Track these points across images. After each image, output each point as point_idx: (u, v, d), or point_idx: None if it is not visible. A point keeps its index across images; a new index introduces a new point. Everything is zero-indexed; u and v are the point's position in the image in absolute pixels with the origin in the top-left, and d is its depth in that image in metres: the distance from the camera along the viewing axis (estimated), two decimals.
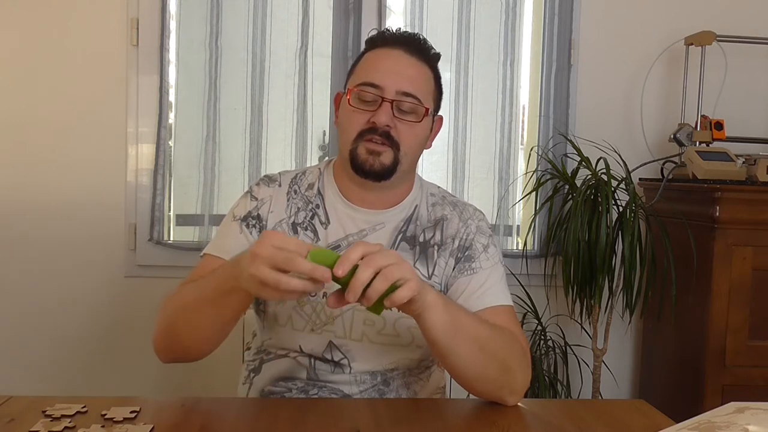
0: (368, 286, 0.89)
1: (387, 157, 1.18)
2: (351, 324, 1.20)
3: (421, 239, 1.26)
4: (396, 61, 1.20)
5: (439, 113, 1.29)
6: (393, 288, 0.91)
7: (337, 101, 1.29)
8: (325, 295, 1.16)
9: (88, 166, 2.33)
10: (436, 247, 1.25)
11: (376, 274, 0.89)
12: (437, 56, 1.26)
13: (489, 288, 1.21)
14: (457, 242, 1.26)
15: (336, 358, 1.21)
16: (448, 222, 1.28)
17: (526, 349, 1.18)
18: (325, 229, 1.24)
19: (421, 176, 1.35)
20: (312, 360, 1.22)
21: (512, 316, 1.22)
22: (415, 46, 1.22)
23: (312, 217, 1.25)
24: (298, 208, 1.26)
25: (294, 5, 2.37)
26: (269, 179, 1.30)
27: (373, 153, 1.17)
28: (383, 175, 1.19)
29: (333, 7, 2.38)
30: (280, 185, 1.28)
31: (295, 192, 1.27)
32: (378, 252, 0.92)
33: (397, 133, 1.18)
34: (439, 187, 1.36)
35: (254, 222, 1.25)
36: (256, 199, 1.27)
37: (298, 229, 1.24)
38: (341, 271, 0.89)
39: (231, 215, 1.27)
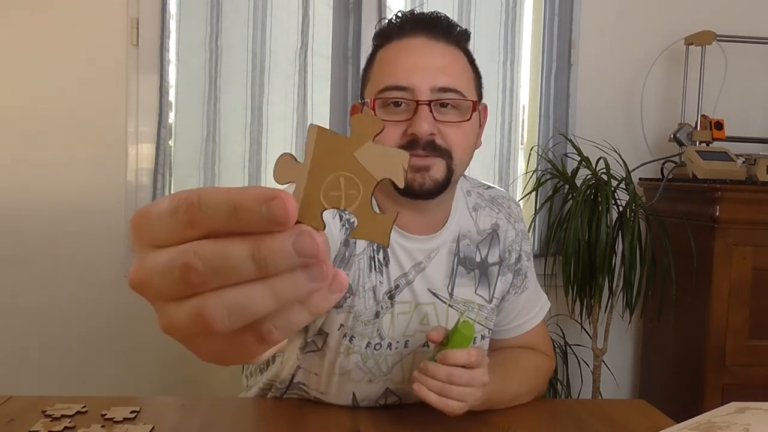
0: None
1: (438, 170, 0.98)
2: (411, 368, 1.11)
3: (477, 259, 1.13)
4: (421, 51, 0.99)
5: (483, 101, 1.09)
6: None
7: (354, 114, 1.10)
8: (389, 346, 1.08)
9: (88, 165, 2.32)
10: (496, 267, 1.15)
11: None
12: (467, 35, 1.06)
13: (534, 304, 1.22)
14: (513, 255, 1.17)
15: (389, 401, 1.13)
16: (500, 231, 1.16)
17: (553, 361, 1.24)
18: (387, 266, 1.06)
19: None
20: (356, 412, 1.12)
21: (545, 325, 1.25)
22: (439, 28, 1.01)
23: (377, 251, 1.05)
24: None
25: (294, 5, 2.37)
26: None
27: (420, 169, 0.97)
28: (437, 192, 1.00)
29: (333, 7, 2.38)
30: None
31: None
32: (471, 372, 0.93)
33: (444, 138, 0.98)
34: (465, 177, 1.19)
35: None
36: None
37: (372, 265, 1.05)
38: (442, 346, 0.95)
39: None
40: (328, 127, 2.38)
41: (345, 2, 2.36)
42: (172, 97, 2.34)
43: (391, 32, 1.02)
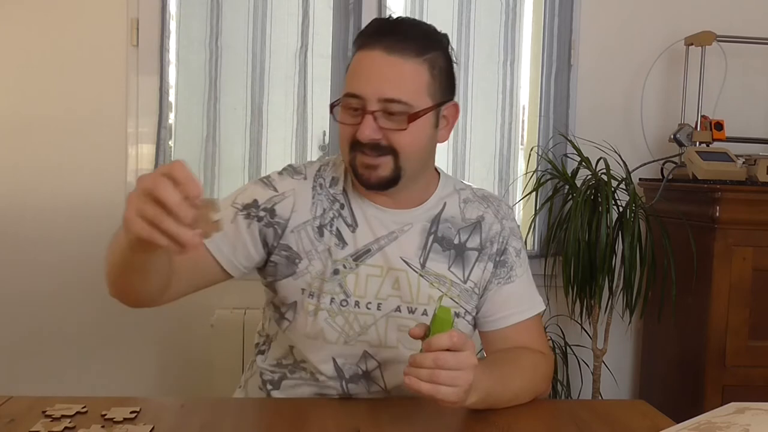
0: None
1: (385, 168, 1.10)
2: (385, 331, 1.16)
3: (456, 241, 1.20)
4: (373, 63, 1.08)
5: (453, 100, 1.16)
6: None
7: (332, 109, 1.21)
8: (357, 304, 1.15)
9: (88, 166, 2.32)
10: (474, 253, 1.20)
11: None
12: (433, 43, 1.11)
13: (522, 299, 1.23)
14: (495, 246, 1.22)
15: (370, 368, 1.17)
16: (485, 223, 1.22)
17: (550, 359, 1.24)
18: (353, 232, 1.16)
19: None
20: (343, 383, 1.18)
21: (539, 324, 1.26)
22: (395, 40, 1.08)
23: (336, 218, 1.16)
24: (324, 209, 1.17)
25: (294, 5, 2.37)
26: (293, 170, 1.20)
27: (368, 167, 1.10)
28: (385, 186, 1.12)
29: (333, 7, 2.38)
30: (305, 178, 1.19)
31: (321, 186, 1.18)
32: (457, 355, 0.92)
33: (390, 141, 1.09)
34: (463, 182, 1.31)
35: (263, 215, 1.14)
36: (275, 190, 1.17)
37: (324, 231, 1.15)
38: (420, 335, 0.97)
39: (230, 200, 1.17)
40: (328, 128, 2.35)
41: (345, 2, 2.36)
42: (172, 97, 2.34)
43: (359, 41, 1.12)
